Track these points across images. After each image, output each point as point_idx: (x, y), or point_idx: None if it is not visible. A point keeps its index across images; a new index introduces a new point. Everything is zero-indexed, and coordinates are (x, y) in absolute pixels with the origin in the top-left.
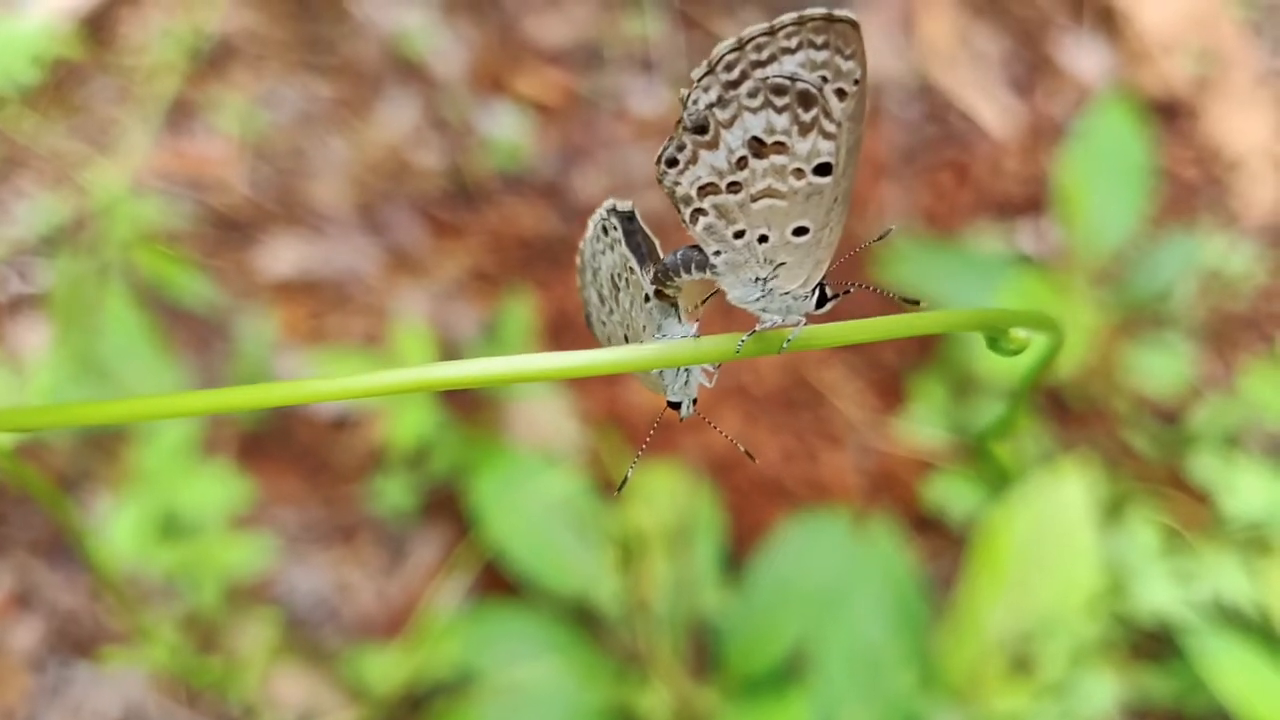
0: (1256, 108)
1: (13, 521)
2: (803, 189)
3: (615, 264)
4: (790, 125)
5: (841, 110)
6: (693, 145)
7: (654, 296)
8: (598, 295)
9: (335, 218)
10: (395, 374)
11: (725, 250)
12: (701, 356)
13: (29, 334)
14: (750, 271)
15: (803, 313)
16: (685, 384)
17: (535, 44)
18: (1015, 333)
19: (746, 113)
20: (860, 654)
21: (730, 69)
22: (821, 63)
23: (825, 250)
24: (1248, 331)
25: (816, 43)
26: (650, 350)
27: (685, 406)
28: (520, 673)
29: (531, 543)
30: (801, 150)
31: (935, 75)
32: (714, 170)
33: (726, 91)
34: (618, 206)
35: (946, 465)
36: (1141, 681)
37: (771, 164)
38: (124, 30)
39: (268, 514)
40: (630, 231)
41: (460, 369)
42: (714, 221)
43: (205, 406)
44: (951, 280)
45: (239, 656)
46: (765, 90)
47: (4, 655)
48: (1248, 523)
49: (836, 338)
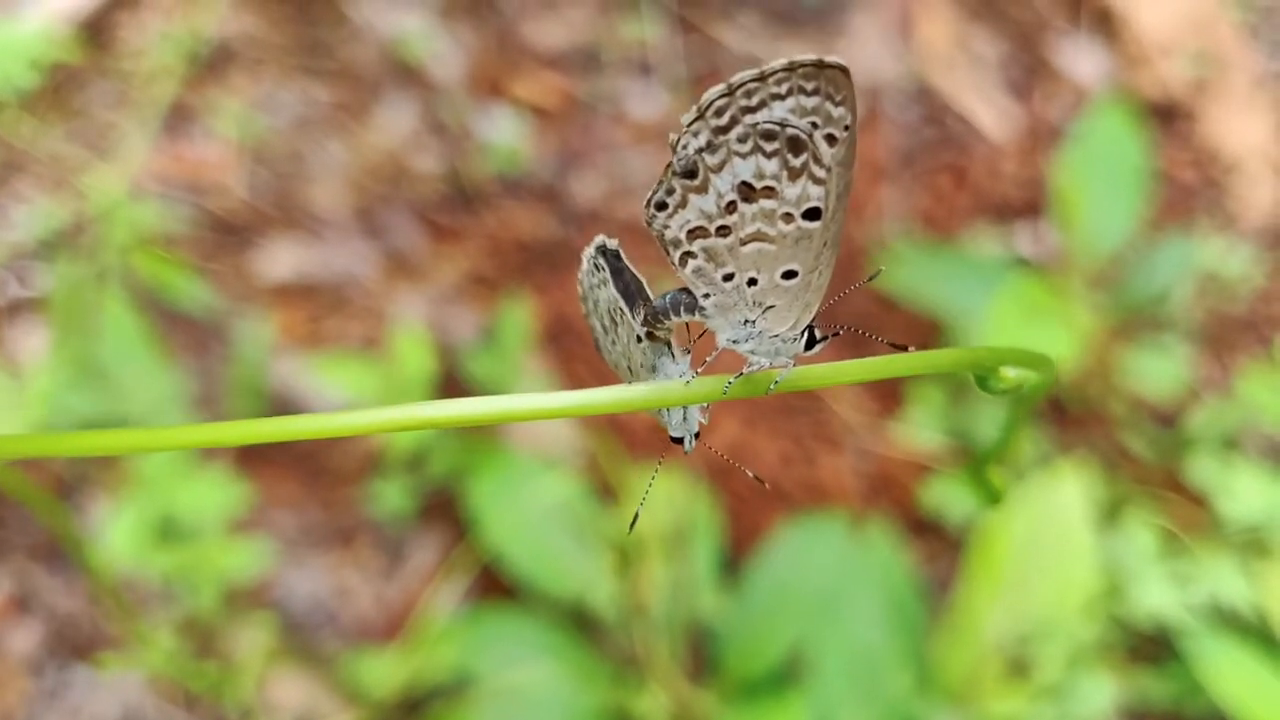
0: (1254, 110)
1: (11, 525)
2: (792, 233)
3: (610, 299)
4: (780, 170)
5: (831, 156)
6: (682, 189)
7: (645, 338)
8: (600, 325)
9: (333, 222)
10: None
11: (714, 293)
12: (689, 398)
13: (28, 338)
14: (739, 314)
15: (791, 355)
16: (684, 419)
17: (533, 48)
18: (1005, 371)
19: (736, 158)
20: (858, 657)
21: (720, 114)
22: (812, 109)
23: (814, 293)
24: (1245, 334)
25: (807, 89)
26: (639, 392)
27: (688, 441)
28: (518, 676)
29: (529, 546)
30: (791, 195)
31: (933, 78)
32: (703, 214)
33: (716, 136)
34: (606, 245)
35: (944, 468)
36: (1139, 684)
37: (761, 208)
38: (122, 34)
39: (266, 518)
40: (617, 270)
41: (459, 407)
42: (703, 264)
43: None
44: (949, 283)
45: (237, 660)
46: (755, 136)
47: (3, 659)
48: (1245, 525)
49: (824, 379)
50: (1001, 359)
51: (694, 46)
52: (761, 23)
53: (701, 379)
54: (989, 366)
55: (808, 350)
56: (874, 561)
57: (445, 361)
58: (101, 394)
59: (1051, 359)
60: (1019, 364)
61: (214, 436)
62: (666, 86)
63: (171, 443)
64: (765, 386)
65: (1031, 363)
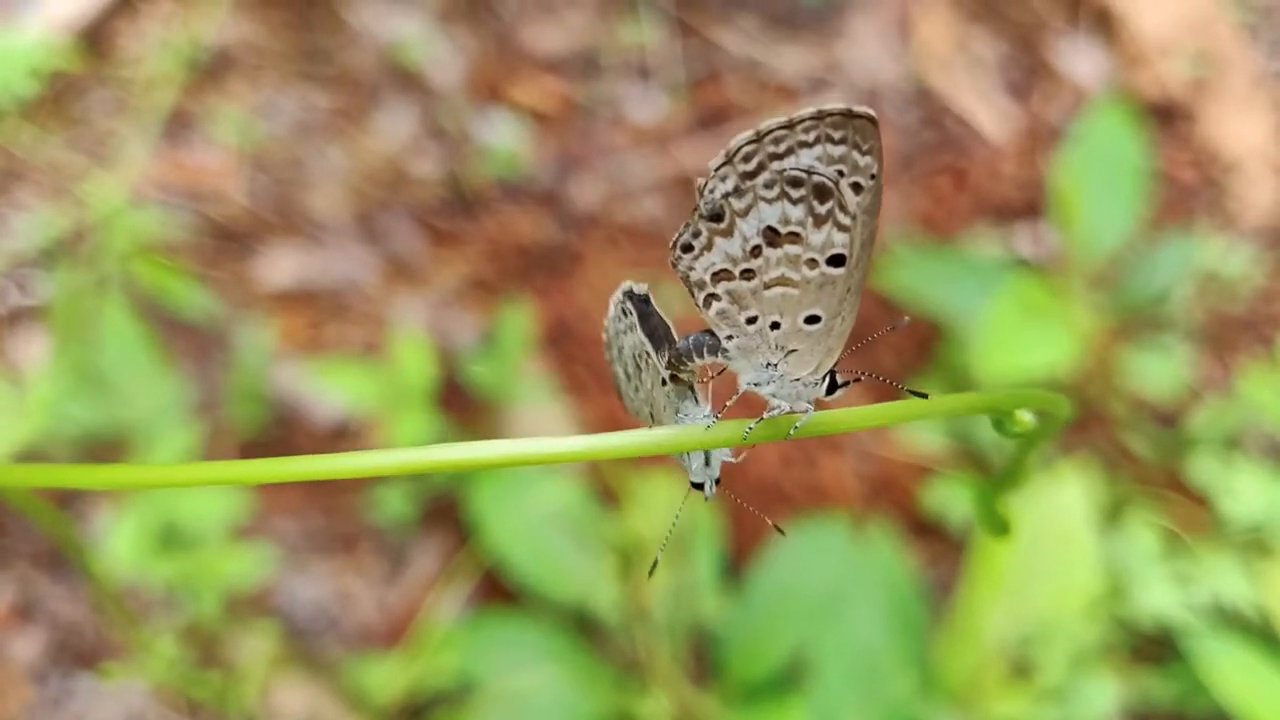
0: (1253, 110)
1: (14, 533)
2: (816, 279)
3: (635, 345)
4: (805, 216)
5: (857, 204)
6: (708, 232)
7: (669, 380)
8: (623, 372)
9: (333, 227)
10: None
11: (737, 335)
12: (709, 442)
13: (29, 346)
14: (762, 357)
15: (812, 399)
16: (706, 465)
17: (532, 52)
18: (1020, 415)
19: (762, 203)
20: (860, 659)
21: (748, 160)
22: (839, 157)
23: (837, 339)
24: (1246, 333)
25: (834, 137)
26: (660, 435)
27: (708, 487)
28: (520, 681)
29: (531, 551)
30: (816, 241)
31: (932, 80)
32: (728, 257)
33: (743, 181)
34: (634, 290)
35: (945, 470)
36: (1142, 684)
37: (785, 253)
38: (121, 42)
39: (268, 524)
40: (645, 314)
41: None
42: (727, 307)
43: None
44: (949, 285)
45: (239, 667)
46: (782, 182)
47: (6, 667)
48: (1247, 525)
49: (844, 424)
50: (1018, 402)
51: (693, 50)
52: (760, 26)
53: (723, 423)
54: (1005, 410)
55: (829, 395)
56: (875, 564)
57: (445, 366)
58: (102, 401)
59: (1065, 401)
60: (1034, 407)
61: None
62: (665, 90)
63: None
64: (786, 431)
65: (1046, 405)
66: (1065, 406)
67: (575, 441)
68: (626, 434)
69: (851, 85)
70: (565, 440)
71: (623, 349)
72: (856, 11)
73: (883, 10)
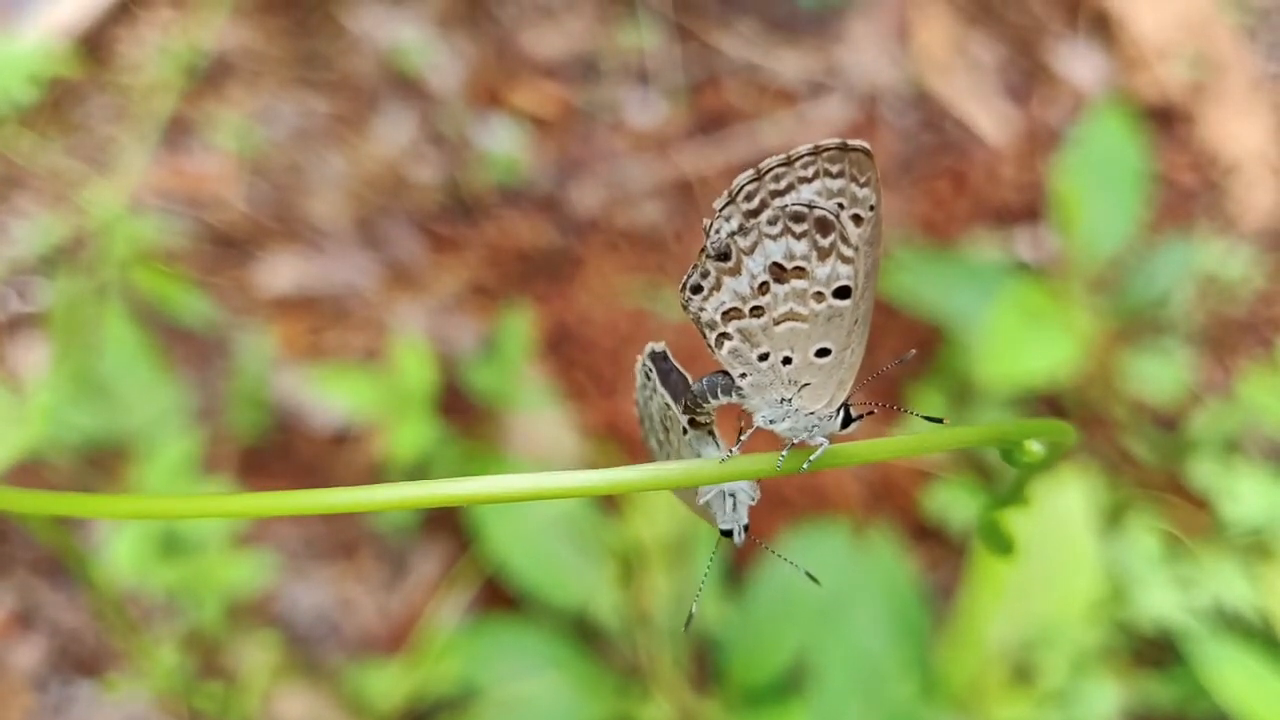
0: (1252, 112)
1: (14, 540)
2: (823, 312)
3: (660, 407)
4: (809, 251)
5: (858, 235)
6: (716, 272)
7: (689, 427)
8: (656, 442)
9: (333, 233)
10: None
11: (751, 373)
12: (724, 475)
13: (28, 353)
14: (776, 393)
15: (828, 433)
16: (734, 509)
17: (531, 57)
18: (1029, 445)
19: (767, 239)
20: (861, 664)
21: (750, 198)
22: (838, 190)
23: (848, 371)
24: (1246, 336)
25: (832, 171)
26: (675, 469)
27: (737, 533)
28: (522, 687)
29: (532, 557)
30: (821, 275)
31: (931, 84)
32: (737, 295)
33: (747, 220)
34: (654, 349)
35: (946, 475)
36: (1144, 688)
37: (793, 288)
38: (121, 48)
39: (268, 531)
40: (665, 371)
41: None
42: (739, 345)
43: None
44: (949, 289)
45: (241, 674)
46: (784, 218)
47: (6, 675)
48: (1248, 528)
49: (859, 456)
50: (1026, 433)
51: (692, 54)
52: (759, 30)
53: (737, 457)
54: (1014, 441)
55: (844, 429)
56: (877, 568)
57: (446, 372)
58: (103, 408)
59: (1071, 429)
60: (1043, 438)
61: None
62: (665, 94)
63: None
64: (799, 463)
65: (1055, 435)
66: (1072, 435)
67: (593, 476)
68: (641, 468)
69: (851, 89)
70: (582, 475)
71: (652, 416)
72: (855, 15)
73: (882, 14)
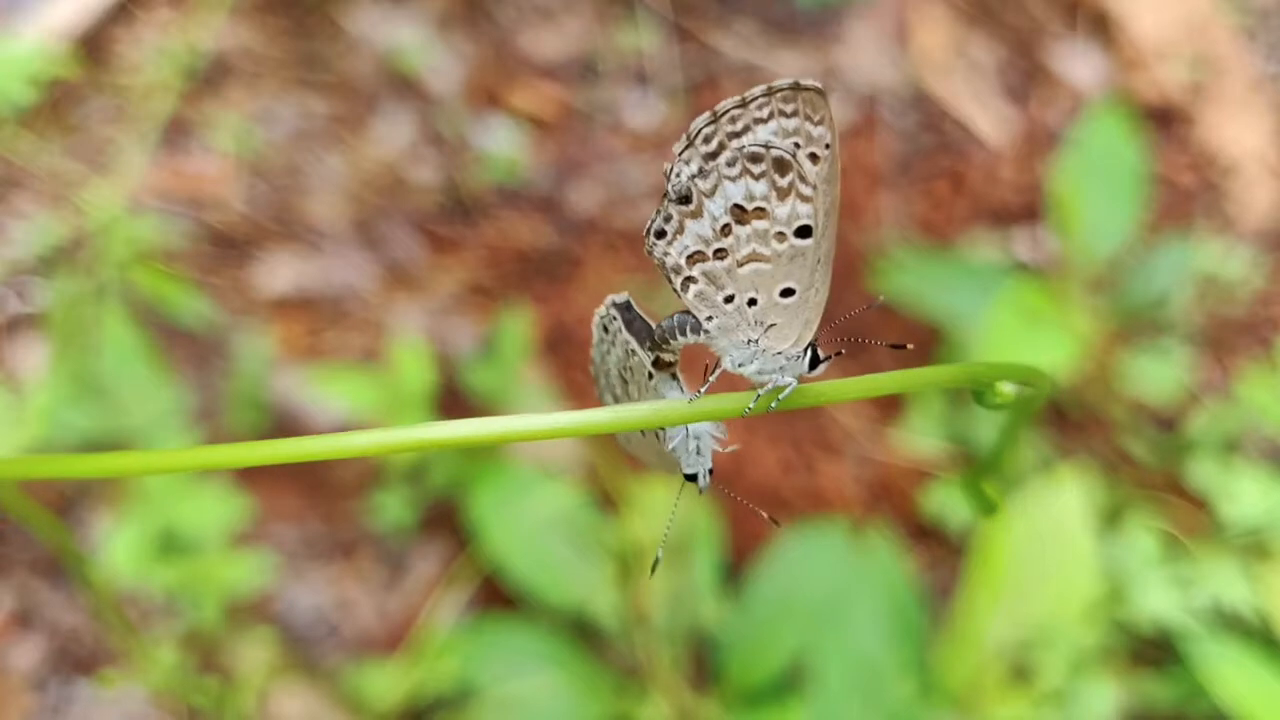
0: (1251, 113)
1: (13, 541)
2: (786, 251)
3: (620, 358)
4: (769, 191)
5: (816, 174)
6: (679, 216)
7: (654, 368)
8: (613, 398)
9: (332, 234)
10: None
11: (717, 315)
12: (693, 415)
13: (27, 354)
14: (742, 334)
15: (796, 374)
16: (699, 453)
17: (530, 58)
18: (1001, 387)
19: (726, 181)
20: (859, 664)
21: (708, 141)
22: (793, 130)
23: (813, 310)
24: (1245, 337)
25: (786, 111)
26: (645, 410)
27: (702, 477)
28: (520, 686)
29: (530, 557)
30: (781, 214)
31: (930, 85)
32: (700, 239)
33: (706, 163)
34: (614, 300)
35: (944, 475)
36: (1142, 688)
37: (754, 229)
38: (119, 50)
39: (267, 531)
40: (629, 320)
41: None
42: (704, 288)
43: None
44: (948, 289)
45: (239, 674)
46: (742, 159)
47: (5, 675)
48: (1247, 528)
49: (826, 396)
50: (998, 374)
51: (690, 55)
52: (758, 31)
53: (705, 397)
54: (986, 382)
55: (811, 370)
56: (875, 568)
57: (445, 372)
58: (102, 409)
59: (1046, 374)
60: (1016, 379)
61: (222, 458)
62: (663, 95)
63: (176, 465)
64: (767, 403)
65: (1028, 377)
66: (1047, 380)
67: (562, 418)
68: (611, 409)
69: (849, 90)
70: (553, 416)
71: (609, 371)
72: (854, 16)
73: (880, 15)
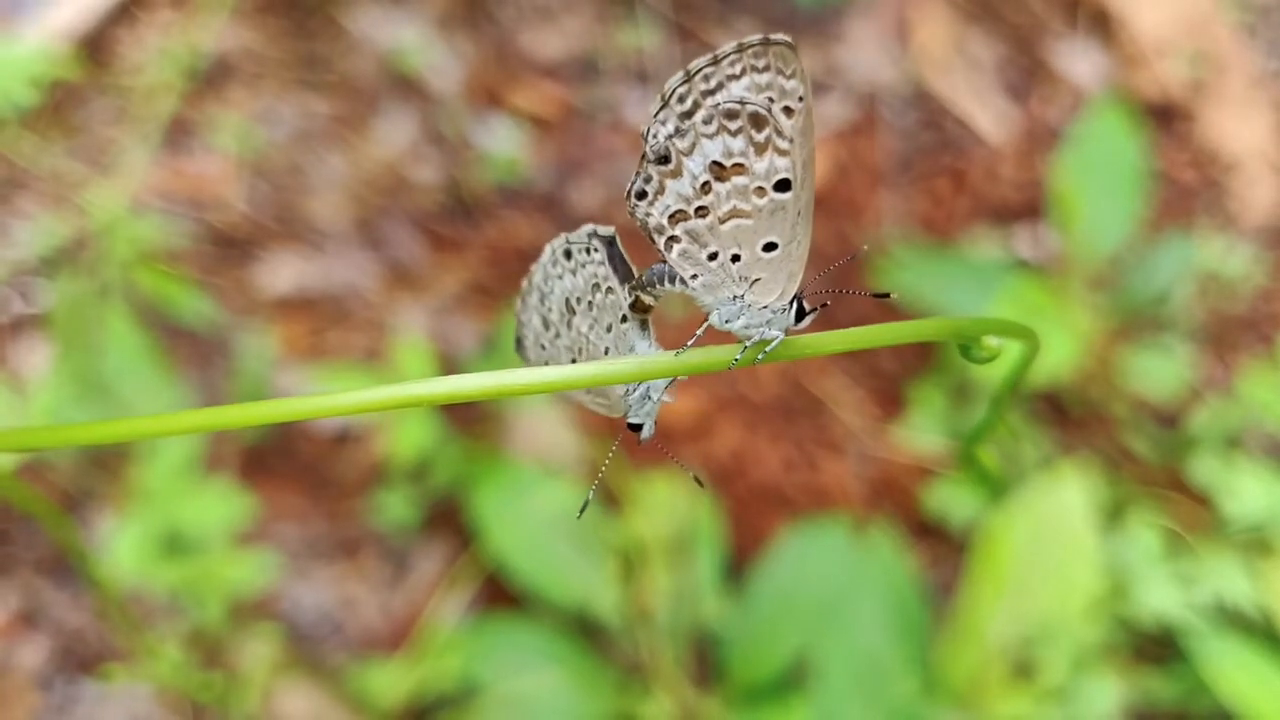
0: (1252, 110)
1: (18, 540)
2: (766, 206)
3: (576, 287)
4: (746, 146)
5: (791, 127)
6: (658, 176)
7: (630, 311)
8: (540, 319)
9: (334, 234)
10: (393, 389)
11: (702, 273)
12: (684, 368)
13: (30, 354)
14: (727, 290)
15: (783, 327)
16: (646, 405)
17: (531, 58)
18: (987, 341)
19: (704, 139)
20: (862, 661)
21: (683, 100)
22: (766, 84)
23: (796, 263)
24: (1246, 333)
25: (758, 66)
26: (627, 366)
27: (647, 428)
28: (523, 684)
29: (533, 555)
30: (760, 169)
31: (930, 82)
32: (681, 198)
33: (682, 122)
34: (599, 231)
35: (946, 472)
36: (1144, 685)
37: (734, 185)
38: (121, 51)
39: (270, 530)
40: (611, 255)
41: (453, 384)
42: (688, 246)
43: (211, 423)
44: (949, 286)
45: (243, 672)
46: (718, 116)
47: (11, 674)
48: (1249, 524)
49: (813, 348)
50: (984, 329)
51: (691, 53)
52: (758, 29)
53: (692, 350)
54: (972, 336)
55: (797, 323)
56: (877, 566)
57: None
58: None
59: (1033, 330)
60: (1001, 334)
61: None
62: None
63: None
64: (753, 356)
65: (1013, 333)
66: (1034, 336)
67: (548, 373)
68: (595, 364)
69: (850, 88)
70: (537, 372)
71: (549, 294)
72: (854, 14)
73: (880, 13)
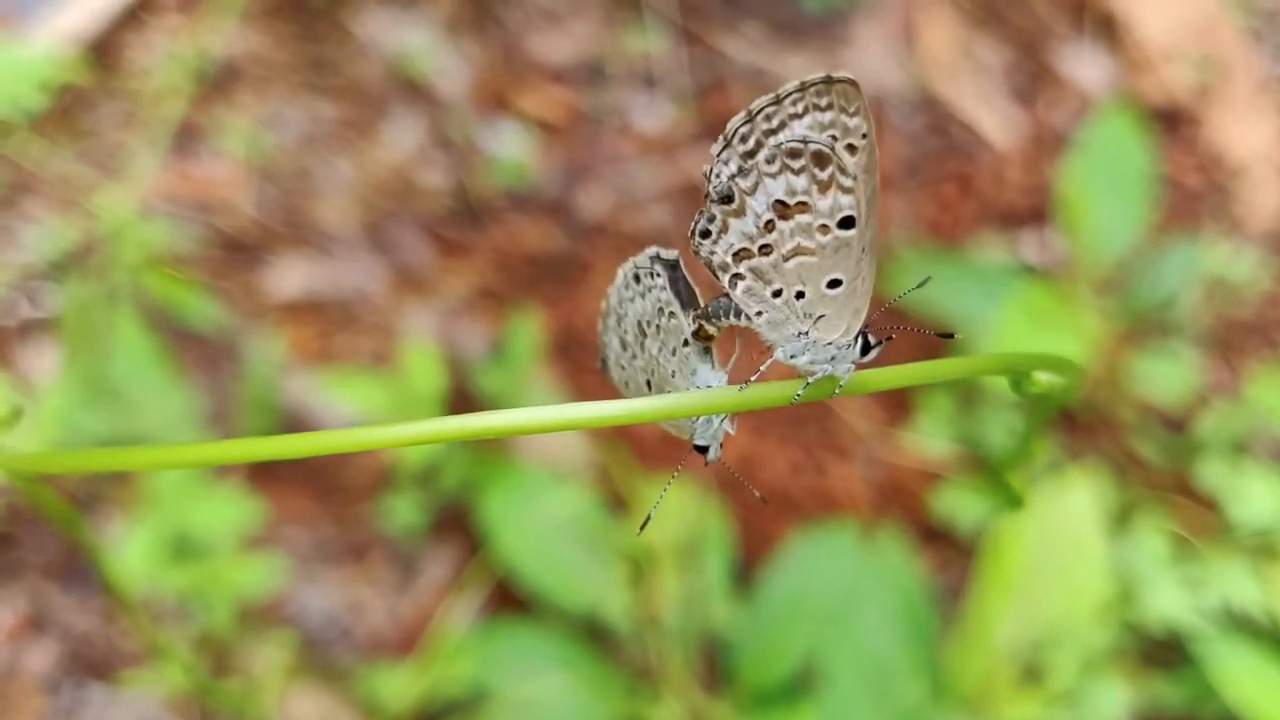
0: (1258, 114)
1: (26, 545)
2: (830, 243)
3: (646, 310)
4: (810, 185)
5: (855, 164)
6: (722, 215)
7: (693, 338)
8: (619, 341)
9: (342, 238)
10: (445, 422)
11: (766, 310)
12: (750, 403)
13: (39, 358)
14: (792, 327)
15: (850, 361)
16: (711, 427)
17: (538, 62)
18: (1037, 376)
19: (767, 178)
20: (871, 665)
21: (745, 140)
22: (829, 123)
23: (862, 299)
24: (1253, 338)
25: (821, 105)
26: (697, 398)
27: (713, 450)
28: (532, 689)
29: (542, 559)
30: (824, 207)
31: (937, 87)
32: (744, 236)
33: (745, 161)
34: (662, 254)
35: (954, 476)
36: (1152, 689)
37: (798, 223)
38: (129, 54)
39: (279, 534)
40: (674, 279)
41: (506, 418)
42: (752, 284)
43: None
44: (956, 291)
45: (253, 677)
46: (781, 155)
47: (19, 678)
48: (1256, 529)
49: (877, 383)
50: (1035, 364)
51: (698, 58)
52: (765, 33)
53: (757, 385)
54: (1023, 371)
55: (863, 356)
56: (885, 570)
57: (455, 375)
58: (114, 413)
59: (1077, 364)
60: (1050, 369)
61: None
62: (671, 98)
63: (186, 460)
64: (830, 390)
65: (1060, 368)
66: (1077, 370)
67: (611, 407)
68: (661, 398)
69: None
70: (600, 406)
71: (624, 317)
72: (861, 19)
73: (887, 17)
